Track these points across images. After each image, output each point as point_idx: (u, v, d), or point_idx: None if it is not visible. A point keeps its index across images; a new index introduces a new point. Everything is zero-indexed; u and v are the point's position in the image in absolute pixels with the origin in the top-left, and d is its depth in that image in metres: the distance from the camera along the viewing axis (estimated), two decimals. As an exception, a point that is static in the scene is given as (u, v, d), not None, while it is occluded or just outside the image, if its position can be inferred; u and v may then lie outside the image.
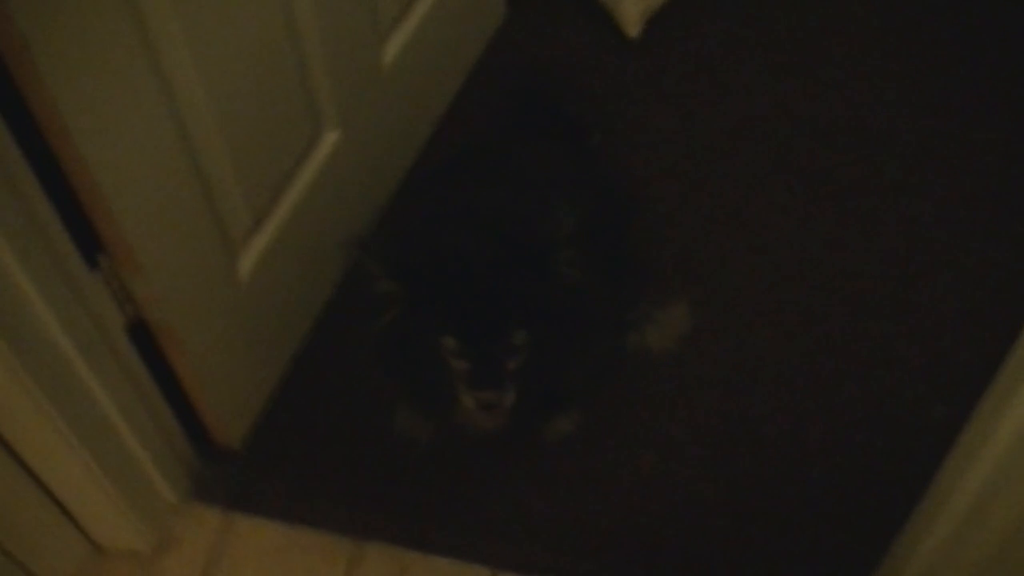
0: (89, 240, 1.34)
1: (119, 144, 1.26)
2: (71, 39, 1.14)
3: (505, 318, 1.42)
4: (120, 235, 1.33)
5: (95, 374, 1.41)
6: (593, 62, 2.25)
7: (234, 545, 1.70)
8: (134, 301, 1.45)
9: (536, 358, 1.44)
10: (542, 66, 2.19)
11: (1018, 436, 1.16)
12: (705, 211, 2.02)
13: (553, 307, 1.43)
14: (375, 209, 1.96)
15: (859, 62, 2.24)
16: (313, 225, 1.74)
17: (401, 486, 1.74)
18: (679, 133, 2.14)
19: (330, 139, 1.75)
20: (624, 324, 1.79)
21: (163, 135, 1.34)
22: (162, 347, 1.55)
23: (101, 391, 1.44)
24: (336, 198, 1.80)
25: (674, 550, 1.67)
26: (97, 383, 1.42)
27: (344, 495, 1.73)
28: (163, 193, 1.37)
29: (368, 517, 1.71)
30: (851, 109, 2.16)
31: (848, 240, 1.97)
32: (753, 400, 1.80)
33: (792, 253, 1.96)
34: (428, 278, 1.41)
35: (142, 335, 1.51)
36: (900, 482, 1.64)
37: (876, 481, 1.71)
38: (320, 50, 1.62)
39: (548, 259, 1.40)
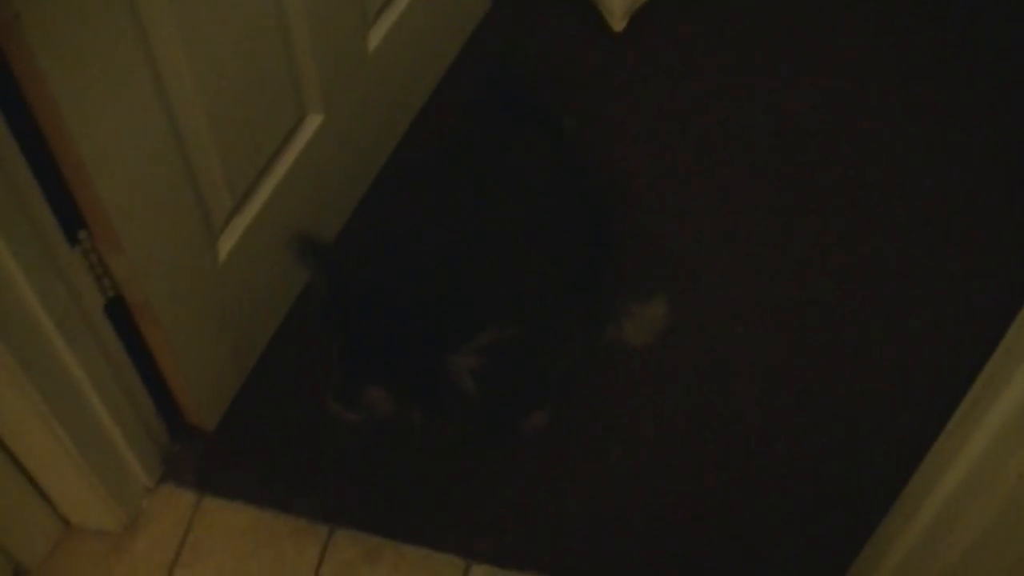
0: (70, 216, 1.33)
1: (105, 121, 1.26)
2: (62, 15, 1.13)
3: (365, 372, 1.45)
4: (102, 212, 1.32)
5: (72, 351, 1.40)
6: (577, 54, 2.25)
7: (204, 526, 1.69)
8: (113, 278, 1.45)
9: (510, 358, 1.45)
10: (516, 55, 2.19)
11: (990, 446, 1.17)
12: (686, 206, 2.03)
13: (431, 391, 1.45)
14: (354, 195, 1.97)
15: (845, 62, 2.25)
16: (294, 208, 1.73)
17: (374, 473, 1.74)
18: (661, 128, 2.14)
19: (313, 123, 1.74)
20: (601, 317, 1.79)
21: (149, 114, 1.33)
22: (139, 326, 1.54)
23: (77, 368, 1.43)
24: (317, 182, 1.79)
25: (642, 542, 1.68)
26: (73, 360, 1.41)
27: (316, 480, 1.73)
28: (146, 172, 1.37)
29: (339, 503, 1.71)
30: (835, 109, 2.17)
31: (827, 241, 1.99)
32: (725, 397, 1.81)
33: (771, 252, 1.97)
34: (339, 286, 1.44)
35: (119, 313, 1.50)
36: (869, 484, 1.66)
37: (845, 482, 1.73)
38: (307, 34, 1.62)
39: (443, 356, 1.40)
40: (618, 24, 2.24)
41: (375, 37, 1.85)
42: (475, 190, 1.60)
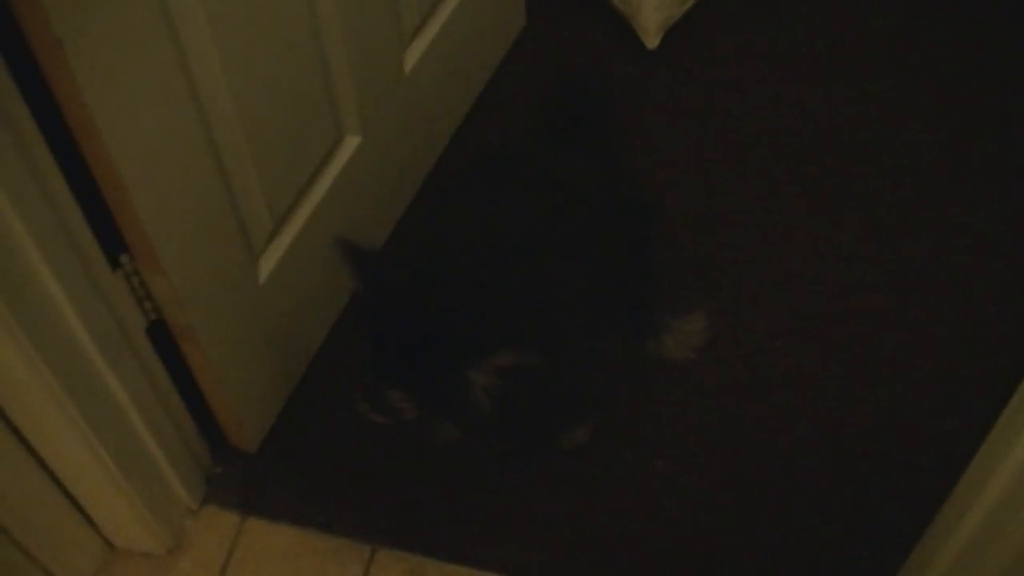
0: (112, 240, 1.34)
1: (146, 145, 1.27)
2: (104, 43, 1.15)
3: (391, 374, 1.46)
4: (143, 236, 1.33)
5: (115, 373, 1.41)
6: (612, 71, 2.26)
7: (248, 548, 1.70)
8: (154, 301, 1.46)
9: (531, 381, 1.44)
10: (558, 71, 2.20)
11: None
12: (723, 219, 2.03)
13: (449, 400, 1.44)
14: (393, 213, 1.97)
15: (877, 74, 2.24)
16: (333, 229, 1.73)
17: (415, 491, 1.74)
18: (697, 143, 2.14)
19: (351, 144, 1.75)
20: (642, 332, 1.79)
21: (189, 137, 1.34)
22: (181, 348, 1.55)
23: (120, 391, 1.44)
24: (356, 202, 1.80)
25: (686, 557, 1.67)
26: (117, 383, 1.42)
27: (357, 500, 1.73)
28: (187, 195, 1.38)
29: (381, 522, 1.71)
30: (868, 121, 2.16)
31: (864, 251, 1.98)
32: (766, 409, 1.80)
33: (809, 263, 1.96)
34: (374, 289, 1.45)
35: (161, 335, 1.51)
36: (913, 494, 1.65)
37: (889, 492, 1.71)
38: (343, 56, 1.63)
39: (462, 370, 1.40)
40: (652, 41, 2.25)
41: (411, 57, 1.87)
42: (516, 202, 1.60)
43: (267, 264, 1.63)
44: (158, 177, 1.31)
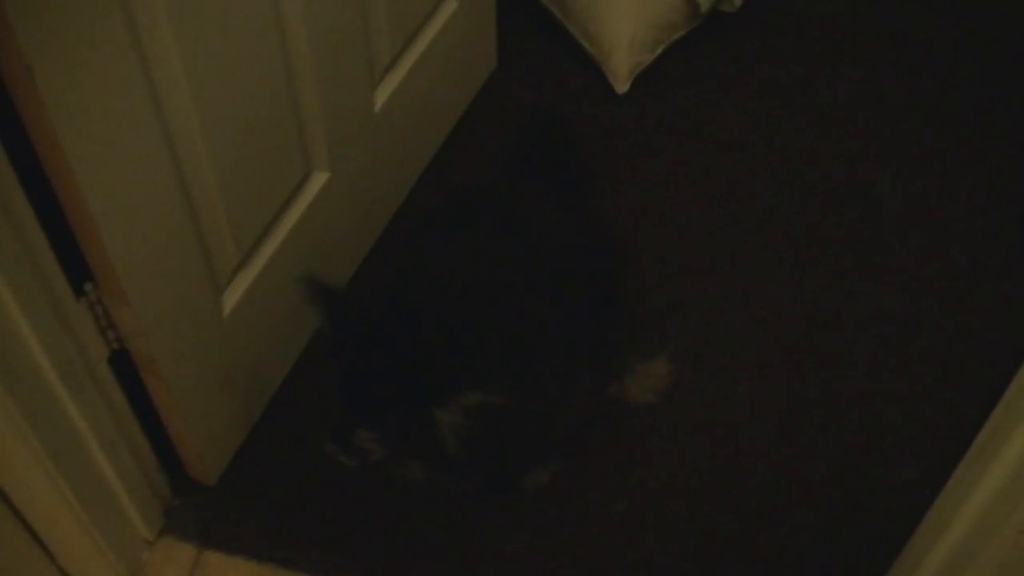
0: (77, 268, 1.34)
1: (114, 175, 1.27)
2: (75, 72, 1.15)
3: (360, 414, 1.46)
4: (108, 265, 1.33)
5: (75, 402, 1.40)
6: (582, 114, 2.28)
7: (204, 581, 1.69)
8: (117, 331, 1.46)
9: (499, 421, 1.45)
10: (528, 113, 2.21)
11: (990, 503, 1.18)
12: (689, 264, 2.04)
13: (416, 438, 1.45)
14: (359, 251, 1.98)
15: (849, 122, 2.28)
16: (299, 264, 1.74)
17: (375, 528, 1.74)
18: (666, 187, 2.16)
19: (319, 180, 1.76)
20: (605, 375, 1.80)
21: (157, 169, 1.35)
22: (143, 379, 1.55)
23: (80, 419, 1.43)
24: (322, 238, 1.81)
25: (645, 602, 1.68)
26: (77, 411, 1.42)
27: (316, 535, 1.72)
28: (153, 226, 1.38)
29: (340, 558, 1.70)
30: (837, 167, 2.19)
31: (831, 298, 2.00)
32: (729, 454, 1.81)
33: (774, 309, 1.98)
34: (340, 328, 1.45)
35: (124, 366, 1.51)
36: (874, 540, 1.66)
37: (851, 538, 1.72)
38: (314, 92, 1.64)
39: (427, 408, 1.40)
40: (621, 86, 2.27)
41: (382, 95, 1.88)
42: (484, 244, 1.62)
43: (232, 297, 1.63)
44: (125, 208, 1.31)
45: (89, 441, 1.47)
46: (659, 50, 2.29)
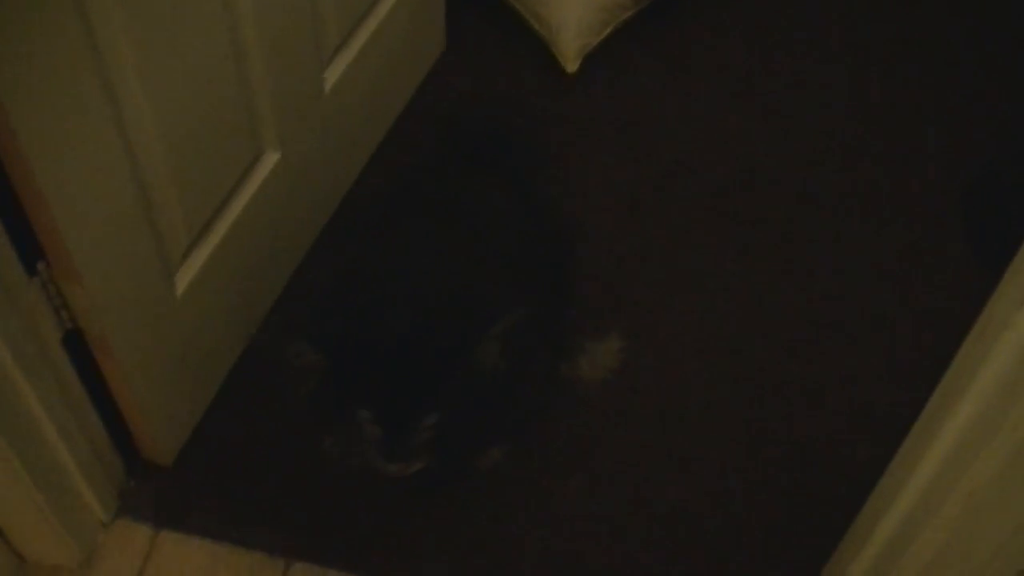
0: (29, 247, 1.34)
1: (65, 155, 1.27)
2: (24, 50, 1.15)
3: (420, 400, 1.42)
4: (60, 244, 1.33)
5: (28, 382, 1.40)
6: (530, 95, 2.29)
7: (160, 563, 1.69)
8: (71, 311, 1.45)
9: (466, 395, 1.45)
10: (476, 96, 2.22)
11: (934, 478, 1.20)
12: (639, 246, 2.06)
13: (472, 388, 1.43)
14: (311, 231, 1.98)
15: (799, 107, 2.30)
16: (251, 244, 1.75)
17: (329, 508, 1.74)
18: (615, 169, 2.18)
19: (270, 160, 1.76)
20: (557, 355, 1.81)
21: (109, 148, 1.35)
22: (96, 359, 1.55)
23: (33, 400, 1.43)
24: (274, 218, 1.81)
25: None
26: (30, 392, 1.41)
27: (272, 516, 1.73)
28: (105, 205, 1.38)
29: (295, 538, 1.71)
30: (783, 151, 2.21)
31: (780, 283, 2.01)
32: (679, 435, 1.83)
33: (724, 292, 2.00)
34: (350, 350, 1.40)
35: (77, 346, 1.51)
36: (825, 517, 1.67)
37: (802, 518, 1.74)
38: (264, 73, 1.64)
39: (473, 349, 1.40)
40: (571, 65, 2.28)
41: (331, 76, 1.88)
42: (431, 229, 1.62)
43: (185, 277, 1.63)
44: (76, 187, 1.31)
45: (42, 421, 1.46)
46: (607, 32, 2.31)
